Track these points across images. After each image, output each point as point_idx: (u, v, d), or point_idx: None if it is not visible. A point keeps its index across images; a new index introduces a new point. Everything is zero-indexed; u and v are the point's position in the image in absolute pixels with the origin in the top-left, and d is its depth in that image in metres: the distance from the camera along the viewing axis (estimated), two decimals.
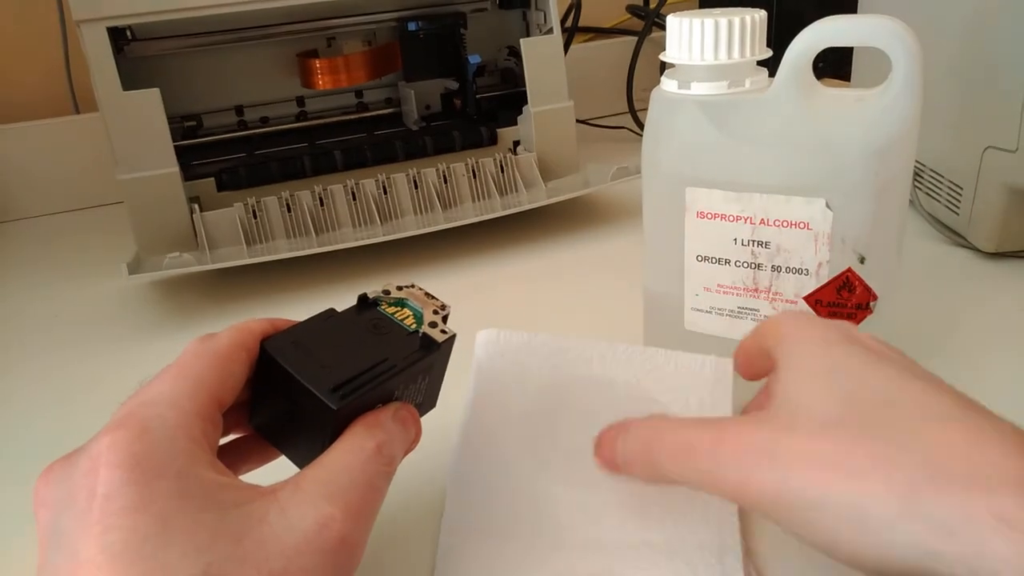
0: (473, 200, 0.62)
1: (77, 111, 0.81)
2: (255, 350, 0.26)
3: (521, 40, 0.63)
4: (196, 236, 0.56)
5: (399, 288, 0.30)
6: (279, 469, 0.28)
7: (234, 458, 0.29)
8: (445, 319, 0.29)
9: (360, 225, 0.59)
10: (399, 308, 0.29)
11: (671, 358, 0.34)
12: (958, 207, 0.53)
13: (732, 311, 0.37)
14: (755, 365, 0.29)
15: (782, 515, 0.23)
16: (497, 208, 0.59)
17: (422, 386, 0.29)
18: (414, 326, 0.28)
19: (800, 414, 0.23)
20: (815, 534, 0.22)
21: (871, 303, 0.35)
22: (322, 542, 0.22)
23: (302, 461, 0.27)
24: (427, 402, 0.30)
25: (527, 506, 0.31)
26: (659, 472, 0.26)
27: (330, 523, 0.22)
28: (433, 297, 0.29)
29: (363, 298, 0.29)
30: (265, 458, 0.29)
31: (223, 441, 0.27)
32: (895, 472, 0.21)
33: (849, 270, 0.34)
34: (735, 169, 0.35)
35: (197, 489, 0.21)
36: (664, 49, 0.36)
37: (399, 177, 0.60)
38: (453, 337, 0.28)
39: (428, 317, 0.28)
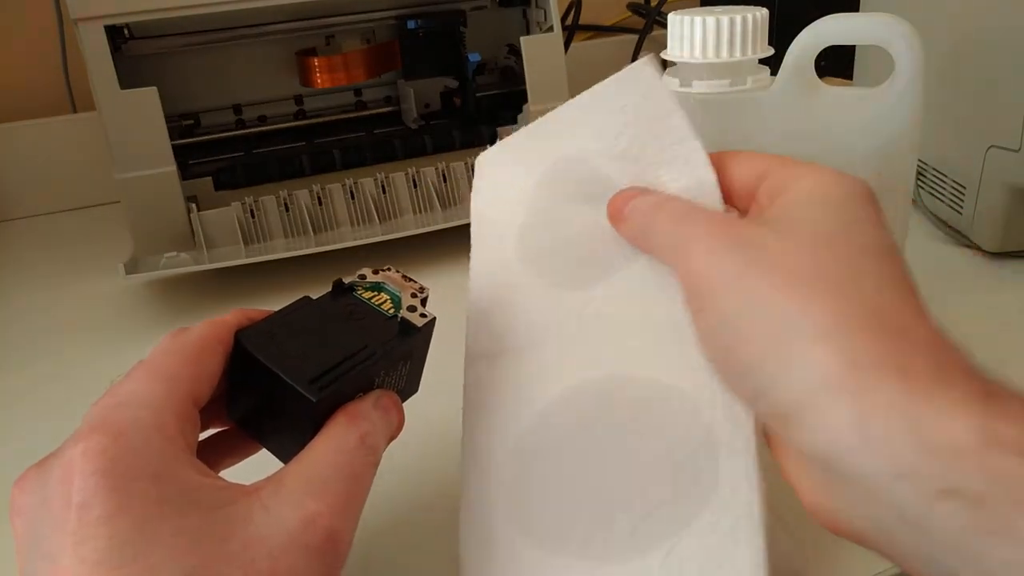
0: None
1: (74, 110, 0.80)
2: (230, 343, 0.26)
3: (521, 38, 0.62)
4: (193, 235, 0.56)
5: (375, 272, 0.29)
6: (265, 463, 0.27)
7: (215, 453, 0.28)
8: (424, 302, 0.28)
9: (359, 224, 0.59)
10: (376, 293, 0.28)
11: (604, 97, 0.30)
12: (961, 207, 0.53)
13: None
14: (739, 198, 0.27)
15: (721, 317, 0.22)
16: None
17: (403, 372, 0.28)
18: (392, 311, 0.27)
19: (795, 227, 0.23)
20: (739, 344, 0.22)
21: None
22: (308, 539, 0.22)
23: (284, 454, 0.27)
24: (409, 387, 0.30)
25: (539, 321, 0.29)
26: (646, 232, 0.26)
27: (315, 519, 0.22)
28: (411, 280, 0.29)
29: (338, 283, 0.28)
30: (247, 452, 0.29)
31: (203, 436, 0.27)
32: (845, 309, 0.20)
33: None
34: None
35: (177, 491, 0.21)
36: (665, 47, 0.35)
37: (398, 176, 0.60)
38: (433, 320, 0.28)
39: (406, 301, 0.28)
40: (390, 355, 0.26)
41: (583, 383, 0.28)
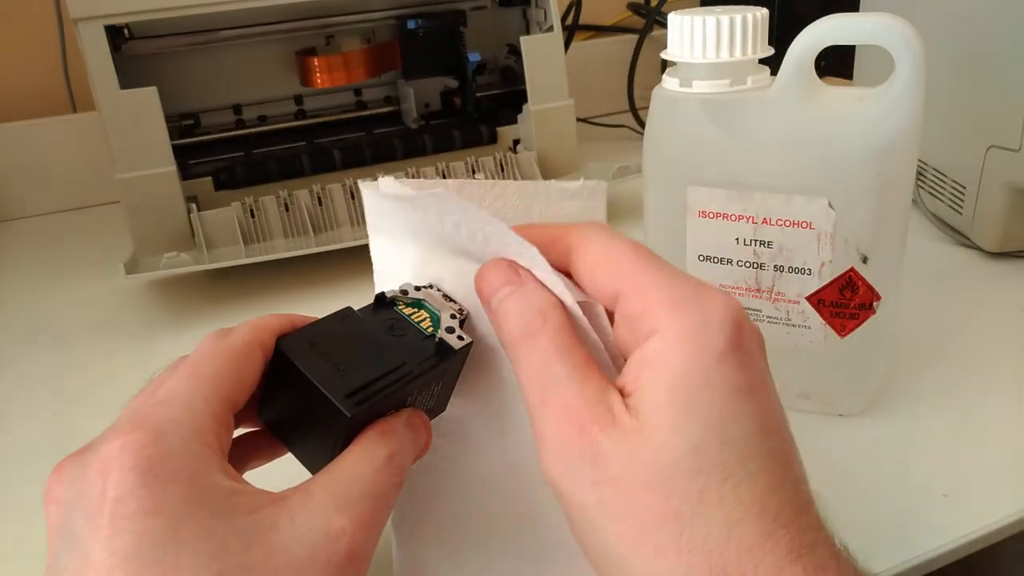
0: None
1: (74, 110, 0.80)
2: (271, 348, 0.26)
3: (521, 38, 0.62)
4: (194, 235, 0.56)
5: (417, 288, 0.29)
6: (288, 465, 0.27)
7: (243, 454, 0.28)
8: (462, 324, 0.28)
9: (358, 224, 0.59)
10: (416, 309, 0.28)
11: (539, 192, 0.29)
12: (961, 206, 0.53)
13: None
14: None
15: (580, 529, 0.22)
16: None
17: (435, 391, 0.28)
18: (431, 330, 0.27)
19: (643, 452, 0.21)
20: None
21: (874, 303, 0.35)
22: (331, 555, 0.22)
23: (310, 463, 0.27)
24: (437, 407, 0.30)
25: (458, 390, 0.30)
26: (511, 356, 0.24)
27: (340, 536, 0.22)
28: (451, 300, 0.29)
29: (380, 297, 0.28)
30: (274, 454, 0.29)
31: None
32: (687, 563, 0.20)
33: (852, 270, 0.34)
34: (737, 168, 0.34)
35: (209, 495, 0.21)
36: (665, 47, 0.35)
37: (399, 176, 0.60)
38: (470, 344, 0.28)
39: (445, 321, 0.28)
40: (426, 376, 0.26)
41: (505, 467, 0.30)
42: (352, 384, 0.25)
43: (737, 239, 0.35)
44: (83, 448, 0.23)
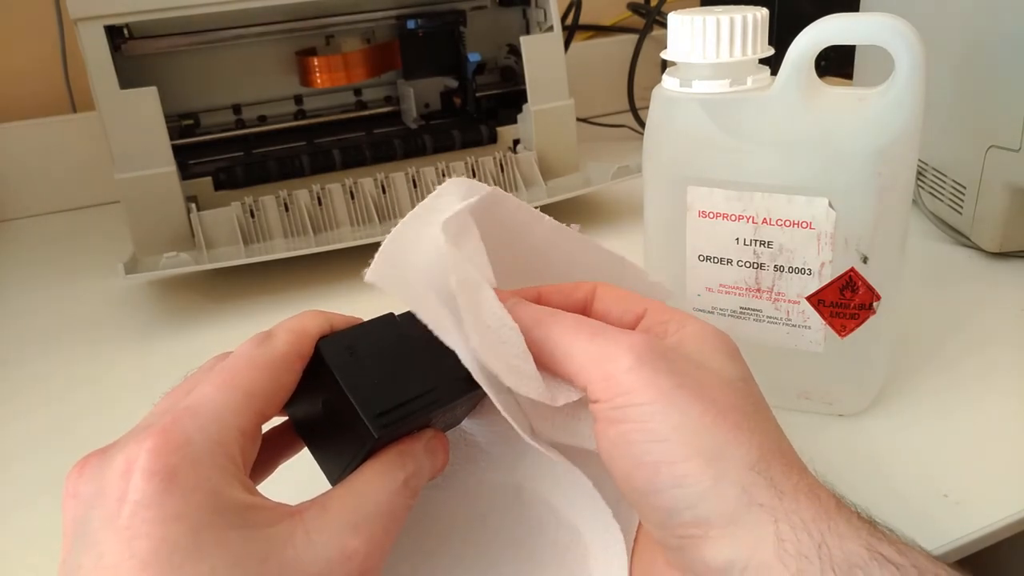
0: None
1: (74, 110, 0.80)
2: (310, 354, 0.26)
3: (521, 38, 0.62)
4: (193, 235, 0.56)
5: None
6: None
7: (269, 451, 0.28)
8: None
9: (358, 224, 0.59)
10: None
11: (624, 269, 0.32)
12: (961, 207, 0.53)
13: (734, 311, 0.37)
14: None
15: (631, 435, 0.24)
16: None
17: (458, 412, 0.29)
18: None
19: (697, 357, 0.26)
20: (638, 443, 0.23)
21: (874, 303, 0.35)
22: (343, 575, 0.22)
23: (326, 465, 0.27)
24: (455, 422, 0.30)
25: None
26: (545, 341, 0.26)
27: (353, 556, 0.23)
28: None
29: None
30: (294, 451, 0.29)
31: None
32: (753, 438, 0.23)
33: (852, 270, 0.34)
34: (737, 168, 0.34)
35: (228, 507, 0.21)
36: (665, 47, 0.35)
37: (398, 176, 0.60)
38: None
39: None
40: (453, 402, 0.27)
41: (503, 483, 0.31)
42: (384, 403, 0.25)
43: (737, 239, 0.35)
44: (108, 447, 0.23)
